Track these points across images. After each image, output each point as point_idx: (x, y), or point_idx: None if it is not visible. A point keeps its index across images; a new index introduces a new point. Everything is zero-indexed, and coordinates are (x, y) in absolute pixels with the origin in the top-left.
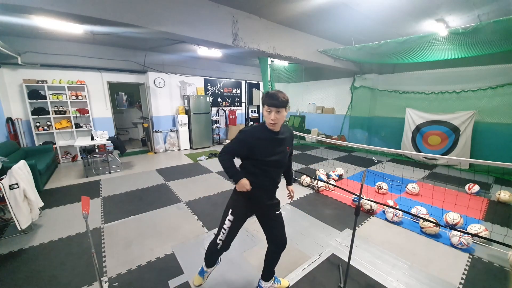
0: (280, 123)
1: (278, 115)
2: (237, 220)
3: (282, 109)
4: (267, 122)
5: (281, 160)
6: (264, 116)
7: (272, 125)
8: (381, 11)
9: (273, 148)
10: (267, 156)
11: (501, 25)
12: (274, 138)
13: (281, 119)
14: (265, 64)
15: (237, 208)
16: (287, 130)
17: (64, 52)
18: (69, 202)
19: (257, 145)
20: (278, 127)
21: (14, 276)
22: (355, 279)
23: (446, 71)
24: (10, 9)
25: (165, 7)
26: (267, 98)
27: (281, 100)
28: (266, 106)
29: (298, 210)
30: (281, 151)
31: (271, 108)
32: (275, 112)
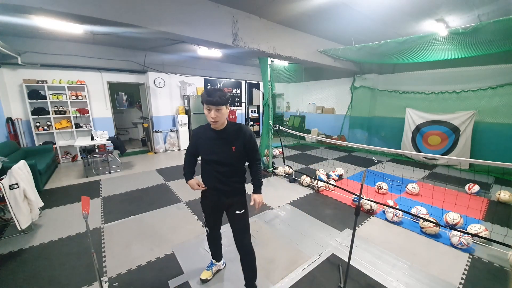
0: (221, 121)
1: (218, 113)
2: (208, 214)
3: (221, 107)
4: (208, 120)
5: (221, 160)
6: (205, 114)
7: (213, 124)
8: (381, 11)
9: (213, 147)
10: (207, 155)
11: (501, 25)
12: (215, 137)
13: (222, 116)
14: (265, 64)
15: (203, 205)
16: (236, 129)
17: (64, 52)
18: (69, 202)
19: (200, 144)
20: (220, 125)
21: (14, 276)
22: (355, 279)
23: (446, 71)
24: (10, 9)
25: (165, 7)
26: (205, 96)
27: (217, 97)
28: (205, 104)
29: (298, 210)
30: (222, 151)
31: (210, 106)
32: (215, 110)
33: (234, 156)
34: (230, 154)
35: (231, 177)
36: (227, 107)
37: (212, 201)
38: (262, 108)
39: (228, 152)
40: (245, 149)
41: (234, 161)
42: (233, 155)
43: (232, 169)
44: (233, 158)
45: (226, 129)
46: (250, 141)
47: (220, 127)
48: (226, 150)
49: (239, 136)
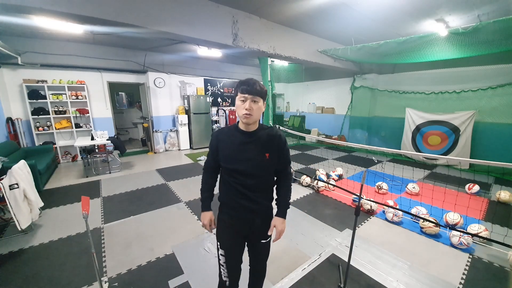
0: (256, 117)
1: (254, 105)
2: (228, 251)
3: (259, 99)
4: (240, 114)
5: (249, 170)
6: (237, 107)
7: (245, 117)
8: (381, 11)
9: (240, 152)
10: (231, 163)
11: (501, 25)
12: (243, 140)
13: (257, 112)
14: (265, 64)
15: (222, 237)
16: (268, 132)
17: (64, 52)
18: (69, 202)
19: (221, 148)
20: (253, 123)
21: (14, 276)
22: (355, 279)
23: (446, 71)
24: (10, 9)
25: (165, 7)
26: (241, 84)
27: (257, 87)
28: (240, 93)
29: (298, 210)
30: (251, 158)
31: (245, 96)
32: (251, 100)
33: (267, 166)
34: (263, 163)
35: (259, 193)
36: (264, 102)
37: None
38: None
39: (260, 160)
40: (278, 158)
41: (266, 172)
42: (266, 165)
43: (262, 182)
44: (265, 168)
45: (257, 131)
46: (284, 148)
47: (252, 127)
48: (257, 157)
49: (273, 141)
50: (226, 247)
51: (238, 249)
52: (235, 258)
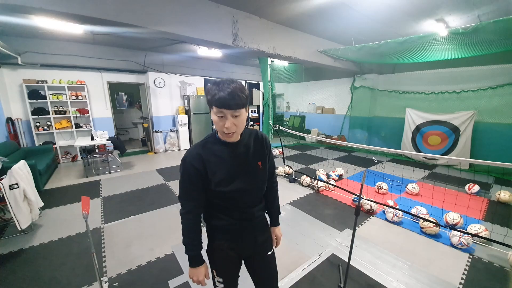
0: (240, 130)
1: (237, 121)
2: (227, 278)
3: (240, 111)
4: (220, 131)
5: (246, 186)
6: (214, 122)
7: (228, 136)
8: (381, 11)
9: (234, 169)
10: (226, 185)
11: (501, 25)
12: (231, 153)
13: (241, 125)
14: (265, 64)
15: (220, 265)
16: (252, 137)
17: (64, 52)
18: (69, 202)
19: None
20: (238, 135)
21: (14, 276)
22: (355, 279)
23: (446, 71)
24: (10, 9)
25: (165, 7)
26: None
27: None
28: (215, 108)
29: (298, 210)
30: (247, 171)
31: (223, 111)
32: (231, 116)
33: (262, 176)
34: (258, 174)
35: (257, 206)
36: (247, 109)
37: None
38: (262, 108)
39: (254, 172)
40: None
41: (262, 183)
42: (261, 175)
43: (259, 195)
44: (260, 179)
45: (242, 139)
46: (270, 151)
47: (236, 138)
48: (251, 169)
49: (262, 146)
50: (225, 275)
51: (236, 272)
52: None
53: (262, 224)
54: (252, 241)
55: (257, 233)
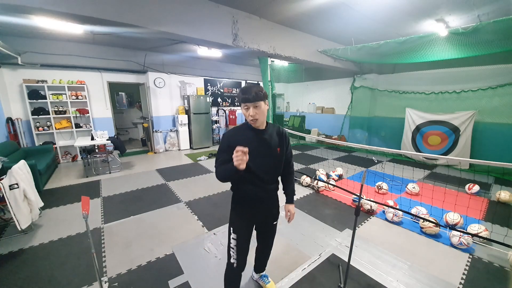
0: (262, 119)
1: (257, 110)
2: (240, 236)
3: (259, 103)
4: (248, 120)
5: (266, 164)
6: (244, 114)
7: (252, 122)
8: (381, 11)
9: (257, 148)
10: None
11: (501, 25)
12: (257, 138)
13: (262, 114)
14: (265, 64)
15: (237, 224)
16: (275, 129)
17: (64, 52)
18: (69, 202)
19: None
20: (261, 124)
21: (14, 276)
22: (355, 279)
23: (446, 71)
24: (10, 9)
25: (165, 7)
26: (241, 94)
27: (254, 93)
28: (242, 103)
29: (298, 210)
30: (268, 153)
31: (247, 104)
32: (253, 107)
33: (280, 159)
34: (276, 157)
35: (273, 184)
36: (265, 103)
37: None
38: None
39: (274, 155)
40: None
41: (278, 165)
42: (279, 158)
43: (275, 174)
44: (277, 161)
45: (267, 129)
46: (289, 143)
47: (261, 126)
48: (271, 152)
49: (282, 137)
50: (240, 232)
51: (249, 234)
52: (246, 242)
53: (274, 199)
54: (264, 210)
55: (270, 205)
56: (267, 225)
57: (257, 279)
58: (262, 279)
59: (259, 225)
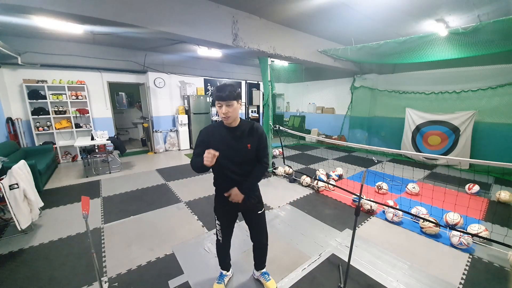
0: (234, 116)
1: (230, 108)
2: (223, 222)
3: (232, 102)
4: (220, 117)
5: (237, 159)
6: (217, 111)
7: (225, 120)
8: (381, 11)
9: (227, 145)
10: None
11: (501, 25)
12: (229, 134)
13: (234, 112)
14: (265, 64)
15: (219, 212)
16: (248, 126)
17: (64, 52)
18: (69, 202)
19: (211, 141)
20: (233, 121)
21: (14, 276)
22: (355, 279)
23: (446, 71)
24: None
25: (165, 7)
26: (215, 92)
27: (228, 92)
28: (216, 101)
29: (298, 210)
30: (238, 149)
31: (220, 102)
32: (226, 105)
33: (250, 154)
34: (246, 152)
35: (244, 176)
36: (238, 102)
37: (229, 206)
38: (262, 108)
39: (244, 150)
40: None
41: (250, 159)
42: (249, 153)
43: (248, 168)
44: (248, 156)
45: (239, 126)
46: (261, 138)
47: (234, 123)
48: (241, 148)
49: (252, 133)
50: (222, 220)
51: (231, 220)
52: (228, 227)
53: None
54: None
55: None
56: (252, 215)
57: (258, 276)
58: (263, 276)
59: (244, 215)
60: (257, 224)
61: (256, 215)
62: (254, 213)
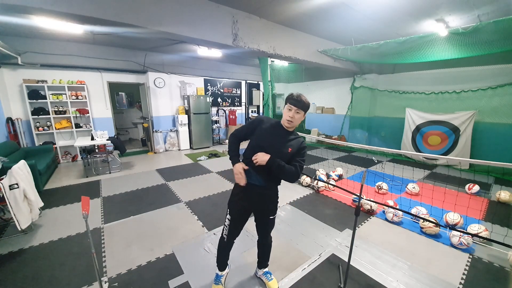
0: (296, 124)
1: (296, 115)
2: (234, 219)
3: (301, 111)
4: (284, 118)
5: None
6: (283, 113)
7: (287, 123)
8: (381, 11)
9: (273, 138)
10: (262, 141)
11: (501, 25)
12: (280, 132)
13: (298, 120)
14: (265, 64)
15: (233, 207)
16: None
17: (64, 52)
18: (69, 202)
19: (259, 130)
20: (292, 127)
21: (14, 276)
22: (355, 279)
23: (446, 71)
24: (10, 9)
25: (165, 7)
26: (292, 99)
27: (303, 102)
28: (289, 104)
29: (298, 210)
30: (279, 146)
31: (292, 107)
32: (295, 111)
33: (286, 156)
34: (284, 153)
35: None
36: (304, 114)
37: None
38: (262, 108)
39: (283, 151)
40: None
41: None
42: (286, 155)
43: None
44: (283, 157)
45: (292, 133)
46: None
47: (290, 127)
48: (282, 147)
49: (298, 144)
50: (234, 216)
51: (243, 219)
52: (237, 226)
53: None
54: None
55: (266, 198)
56: (264, 218)
57: (260, 275)
58: (265, 275)
59: (256, 216)
60: (268, 227)
61: (268, 219)
62: (266, 217)
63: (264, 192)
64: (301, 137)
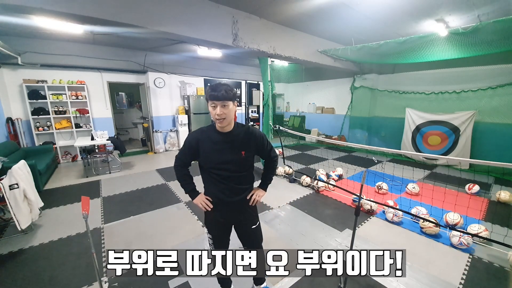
0: (229, 119)
1: (225, 110)
2: (215, 236)
3: (228, 102)
4: (213, 118)
5: (229, 167)
6: (210, 112)
7: (219, 123)
8: (381, 11)
9: (219, 152)
10: (212, 162)
11: (501, 25)
12: (221, 140)
13: (229, 114)
14: (265, 64)
15: (210, 225)
16: (245, 131)
17: (64, 52)
18: (69, 202)
19: (202, 149)
20: (227, 124)
21: (14, 276)
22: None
23: (446, 71)
24: (10, 9)
25: (165, 7)
26: (209, 91)
27: (223, 91)
28: (210, 100)
29: (298, 210)
30: (231, 157)
31: (215, 102)
32: (221, 106)
33: (244, 162)
34: (240, 160)
35: (243, 185)
36: (234, 103)
37: (221, 218)
38: (262, 108)
39: (237, 158)
40: (258, 151)
41: (243, 168)
42: (243, 161)
43: (241, 176)
44: (242, 164)
45: (233, 131)
46: (262, 143)
47: (227, 128)
48: (234, 156)
49: (249, 140)
50: (214, 234)
51: (225, 234)
52: (222, 242)
53: (244, 202)
54: (234, 213)
55: (240, 208)
56: (246, 229)
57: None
58: None
59: (237, 229)
60: (253, 239)
61: (250, 229)
62: (248, 226)
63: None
64: (246, 125)
